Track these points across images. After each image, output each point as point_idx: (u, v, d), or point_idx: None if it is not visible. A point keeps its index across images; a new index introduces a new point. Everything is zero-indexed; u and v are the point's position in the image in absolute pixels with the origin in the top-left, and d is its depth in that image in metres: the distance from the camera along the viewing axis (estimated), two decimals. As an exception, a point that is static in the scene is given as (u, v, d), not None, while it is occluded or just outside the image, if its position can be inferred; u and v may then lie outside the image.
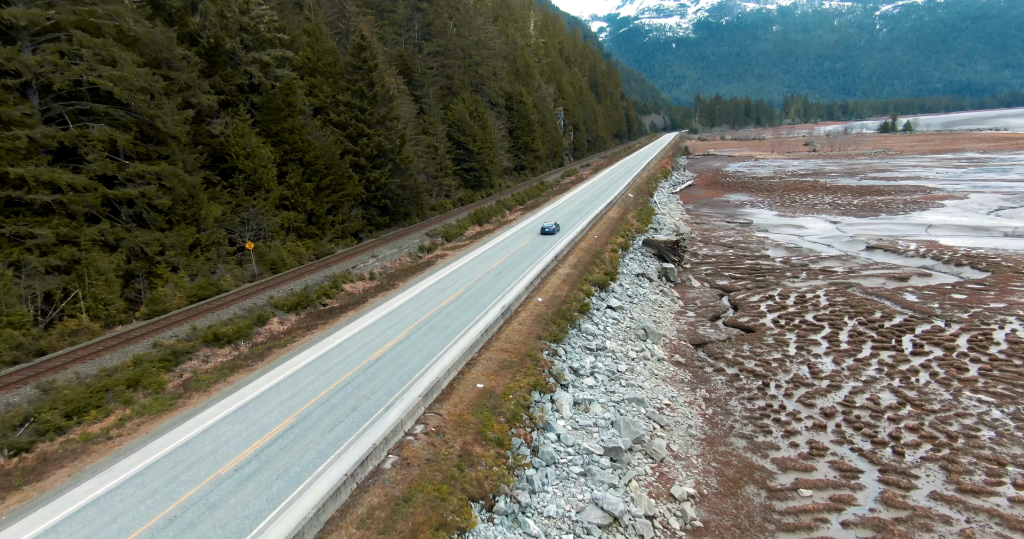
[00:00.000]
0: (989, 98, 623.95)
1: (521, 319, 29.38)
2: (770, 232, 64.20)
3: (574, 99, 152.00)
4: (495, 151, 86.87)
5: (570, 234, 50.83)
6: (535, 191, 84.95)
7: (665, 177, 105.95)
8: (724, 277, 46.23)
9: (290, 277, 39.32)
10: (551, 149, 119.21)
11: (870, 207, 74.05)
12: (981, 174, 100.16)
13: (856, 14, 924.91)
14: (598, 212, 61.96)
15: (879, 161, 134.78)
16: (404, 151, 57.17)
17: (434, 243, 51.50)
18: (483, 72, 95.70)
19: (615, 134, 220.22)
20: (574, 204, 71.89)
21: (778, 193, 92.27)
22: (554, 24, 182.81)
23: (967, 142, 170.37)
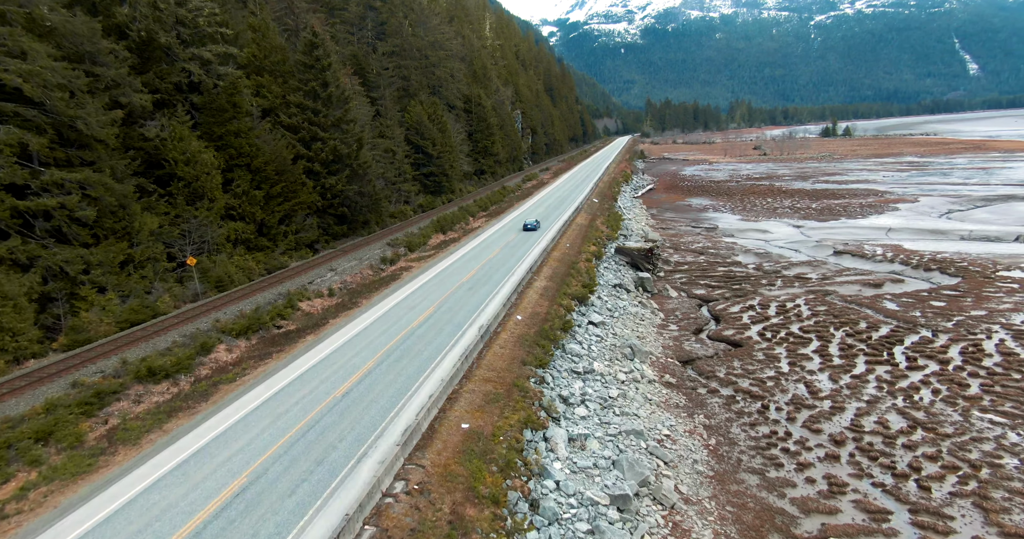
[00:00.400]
0: (915, 105, 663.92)
1: (502, 341, 26.83)
2: (737, 237, 64.01)
3: (531, 102, 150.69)
4: (455, 155, 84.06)
5: (541, 243, 48.66)
6: (497, 196, 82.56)
7: (626, 181, 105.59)
8: (700, 286, 45.08)
9: (239, 296, 35.43)
10: (511, 153, 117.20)
11: (829, 211, 75.35)
12: (924, 178, 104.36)
13: (793, 23, 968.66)
14: (566, 218, 60.10)
15: (827, 165, 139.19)
16: (362, 156, 53.71)
17: (397, 254, 48.28)
18: (440, 74, 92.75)
19: (571, 138, 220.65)
20: (540, 210, 69.88)
21: (738, 197, 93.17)
22: (508, 27, 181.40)
23: (903, 146, 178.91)
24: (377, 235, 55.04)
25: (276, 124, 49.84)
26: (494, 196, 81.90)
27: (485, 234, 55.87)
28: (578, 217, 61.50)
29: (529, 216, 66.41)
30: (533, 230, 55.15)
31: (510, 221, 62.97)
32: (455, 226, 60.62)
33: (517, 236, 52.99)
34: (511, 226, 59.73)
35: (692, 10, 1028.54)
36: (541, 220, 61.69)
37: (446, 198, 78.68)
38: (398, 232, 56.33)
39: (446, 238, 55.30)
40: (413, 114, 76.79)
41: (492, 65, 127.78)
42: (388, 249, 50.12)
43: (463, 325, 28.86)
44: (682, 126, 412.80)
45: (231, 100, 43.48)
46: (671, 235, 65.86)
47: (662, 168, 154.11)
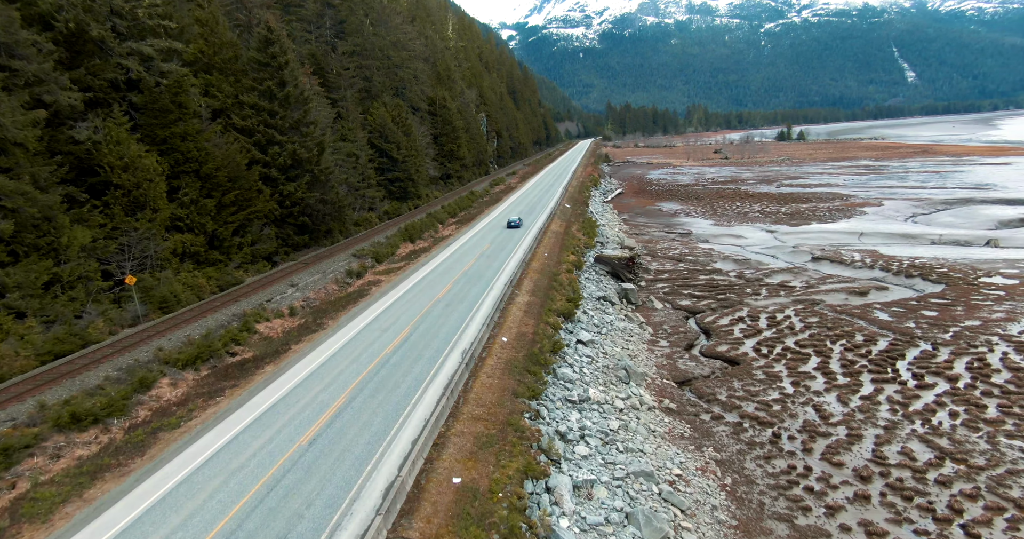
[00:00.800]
0: (859, 110, 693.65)
1: (489, 369, 24.11)
2: (712, 243, 63.08)
3: (496, 105, 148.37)
4: (421, 159, 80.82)
5: (518, 253, 46.15)
6: (466, 202, 79.70)
7: (595, 186, 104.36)
8: (684, 296, 43.42)
9: (186, 318, 31.55)
10: (477, 157, 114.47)
11: (799, 215, 75.59)
12: (883, 181, 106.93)
13: (744, 31, 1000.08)
14: (540, 225, 57.81)
15: (788, 168, 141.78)
16: (323, 160, 50.08)
17: (364, 266, 44.89)
18: (404, 75, 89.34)
19: (535, 141, 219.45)
20: (512, 216, 67.44)
21: (707, 201, 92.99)
22: (471, 29, 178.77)
23: (856, 150, 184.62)
24: (341, 245, 51.44)
25: (228, 126, 45.81)
26: (463, 202, 79.02)
27: (457, 243, 52.98)
28: (552, 224, 59.30)
29: (502, 222, 63.87)
30: (516, 227, 58.03)
31: (482, 228, 60.25)
32: (424, 234, 57.49)
33: (492, 246, 50.34)
34: (484, 233, 57.03)
35: (648, 16, 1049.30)
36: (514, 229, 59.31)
37: (413, 204, 75.37)
38: (364, 242, 52.85)
39: (416, 248, 52.15)
40: (377, 116, 73.31)
41: (456, 67, 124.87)
42: (354, 261, 46.67)
43: (443, 350, 26.01)
44: (642, 130, 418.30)
45: (176, 100, 39.41)
46: (646, 241, 64.44)
47: (628, 172, 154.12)
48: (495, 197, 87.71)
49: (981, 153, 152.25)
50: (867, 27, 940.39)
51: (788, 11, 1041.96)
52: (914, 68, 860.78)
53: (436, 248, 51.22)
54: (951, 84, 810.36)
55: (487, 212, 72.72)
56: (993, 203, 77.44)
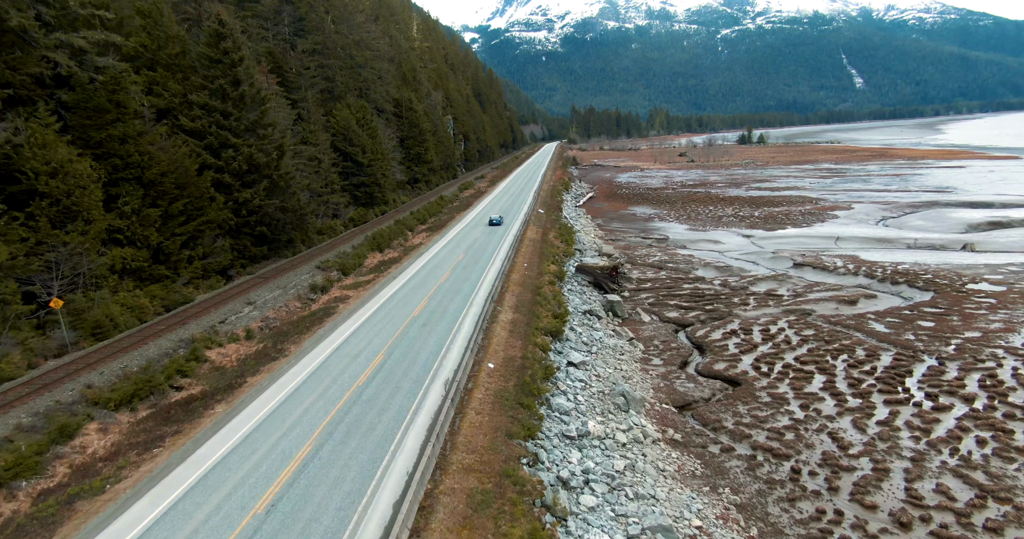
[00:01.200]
0: (812, 115, 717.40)
1: (477, 403, 21.29)
2: (690, 248, 61.72)
3: (463, 108, 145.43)
4: (387, 163, 77.27)
5: (496, 262, 43.42)
6: (435, 207, 76.51)
7: (566, 189, 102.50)
8: (671, 307, 41.49)
9: (124, 346, 27.63)
10: (445, 160, 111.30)
11: (772, 219, 75.25)
12: (848, 184, 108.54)
13: (702, 36, 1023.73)
14: (516, 233, 55.23)
15: (753, 172, 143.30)
16: (283, 165, 46.28)
17: (329, 280, 41.37)
18: (368, 75, 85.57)
19: (501, 144, 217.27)
20: (485, 222, 64.64)
21: (679, 205, 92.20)
22: (435, 30, 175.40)
23: (816, 154, 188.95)
24: (304, 256, 47.67)
25: (176, 128, 41.66)
26: (432, 207, 75.82)
27: (429, 252, 49.87)
28: (529, 230, 56.80)
29: (475, 228, 61.01)
30: (498, 225, 59.56)
31: (455, 236, 57.26)
32: (393, 243, 54.15)
33: (466, 255, 47.44)
34: (457, 241, 54.06)
35: (609, 20, 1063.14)
36: (489, 233, 56.53)
37: (380, 210, 71.78)
38: (329, 252, 49.19)
39: (385, 258, 48.80)
40: (340, 118, 69.52)
41: (421, 68, 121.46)
42: (318, 273, 43.07)
43: (423, 380, 23.06)
44: (606, 133, 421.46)
45: (113, 98, 35.23)
46: (623, 247, 62.62)
47: (597, 175, 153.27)
48: (465, 202, 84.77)
49: (935, 156, 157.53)
50: (817, 34, 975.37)
51: (743, 18, 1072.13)
52: (862, 74, 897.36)
53: (407, 258, 48.01)
54: (896, 90, 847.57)
55: (458, 218, 69.74)
56: (958, 206, 78.89)
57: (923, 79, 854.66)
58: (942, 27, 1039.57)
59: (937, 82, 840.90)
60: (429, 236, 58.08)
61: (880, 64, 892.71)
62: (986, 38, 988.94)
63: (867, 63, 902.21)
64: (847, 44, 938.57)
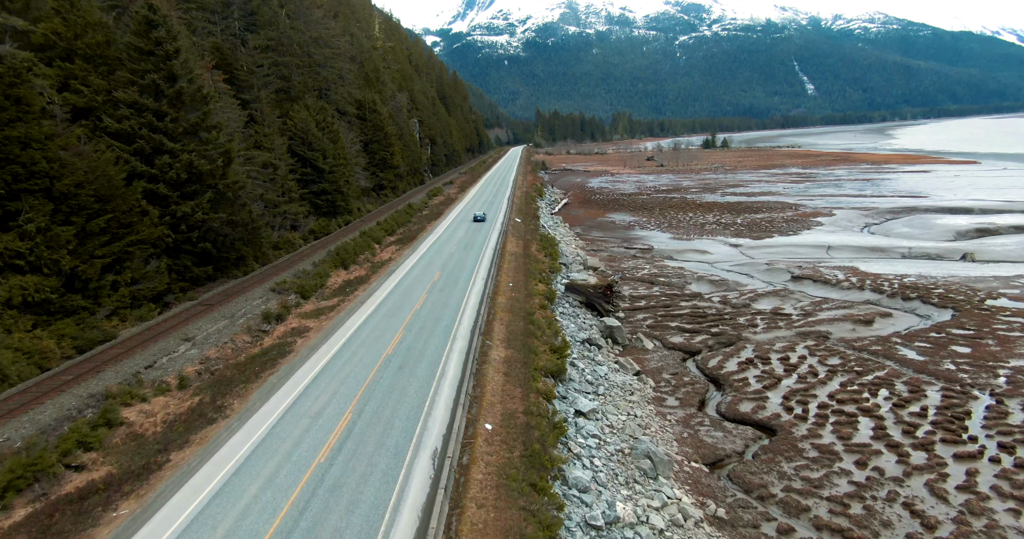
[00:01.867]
0: (768, 120, 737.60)
1: (478, 487, 16.37)
2: (678, 259, 58.24)
3: (428, 110, 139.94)
4: (351, 169, 71.44)
5: (477, 282, 38.58)
6: (404, 217, 71.04)
7: (540, 196, 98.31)
8: (673, 330, 37.49)
9: (11, 408, 21.53)
10: (411, 165, 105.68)
11: (757, 227, 72.71)
12: (822, 189, 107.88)
13: (660, 42, 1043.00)
14: (495, 245, 50.52)
15: (724, 176, 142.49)
16: (231, 173, 40.34)
17: (285, 306, 35.67)
18: (328, 75, 79.53)
19: (468, 148, 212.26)
20: (459, 234, 59.63)
21: (657, 211, 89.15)
22: (397, 30, 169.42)
23: (781, 158, 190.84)
24: (257, 276, 41.71)
25: (98, 130, 35.39)
26: (400, 216, 70.34)
27: (401, 270, 44.60)
28: (508, 243, 52.14)
29: (449, 240, 56.02)
30: (482, 221, 62.16)
31: (428, 249, 52.09)
32: (359, 258, 48.61)
33: (443, 273, 42.42)
34: (431, 257, 48.90)
35: (570, 26, 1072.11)
36: (466, 248, 51.63)
37: (343, 220, 65.90)
38: (286, 270, 43.37)
39: (350, 277, 43.29)
40: (298, 120, 63.51)
41: (385, 68, 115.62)
42: (273, 298, 37.31)
43: (404, 452, 18.01)
44: (571, 136, 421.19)
45: (12, 93, 28.94)
46: (608, 259, 58.66)
47: (568, 180, 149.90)
48: (435, 210, 79.51)
49: (897, 161, 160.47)
50: (771, 42, 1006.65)
51: (700, 25, 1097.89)
52: (813, 81, 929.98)
53: (376, 277, 42.64)
54: (845, 97, 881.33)
55: (429, 228, 64.53)
56: (938, 212, 78.24)
57: (870, 86, 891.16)
58: (885, 36, 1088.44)
59: (882, 89, 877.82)
60: (399, 250, 52.75)
61: (830, 71, 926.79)
62: (926, 48, 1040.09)
63: (817, 70, 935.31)
64: (798, 52, 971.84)
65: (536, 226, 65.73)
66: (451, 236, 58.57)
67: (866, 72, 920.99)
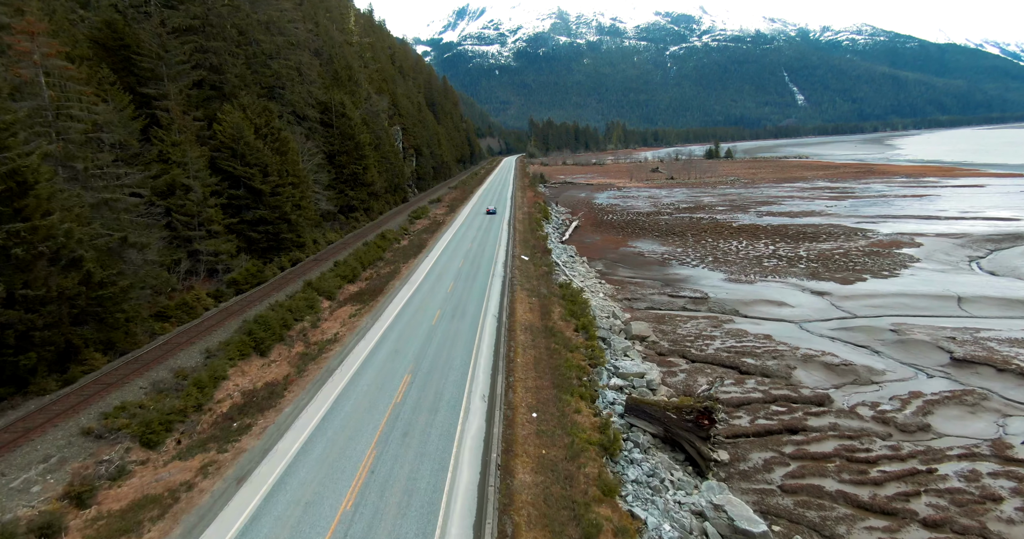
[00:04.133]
0: (761, 130, 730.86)
1: None
2: (751, 317, 41.61)
3: (413, 117, 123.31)
4: (305, 189, 54.36)
5: (472, 414, 21.60)
6: (374, 252, 53.78)
7: (545, 217, 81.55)
8: (838, 503, 20.42)
9: None
10: (391, 181, 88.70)
11: (831, 262, 56.15)
12: (873, 208, 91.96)
13: (651, 52, 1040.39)
14: (498, 309, 33.66)
15: (746, 191, 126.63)
16: (34, 209, 23.11)
17: (86, 486, 18.25)
18: (281, 69, 62.57)
19: (459, 159, 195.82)
20: (446, 283, 42.58)
21: (691, 238, 72.71)
22: (380, 28, 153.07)
23: (798, 170, 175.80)
24: (94, 386, 24.07)
25: None
26: (369, 251, 53.16)
27: (349, 363, 27.29)
28: (518, 305, 35.15)
29: (432, 296, 38.94)
30: (492, 214, 52.09)
31: (398, 316, 34.92)
32: (290, 335, 31.29)
33: (413, 383, 25.26)
34: (401, 332, 31.63)
35: (560, 36, 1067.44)
36: (454, 310, 34.65)
37: (289, 259, 48.63)
38: (151, 369, 25.89)
39: (258, 384, 25.87)
40: (228, 125, 46.48)
41: (361, 67, 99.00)
42: (79, 456, 19.90)
43: None
44: (565, 146, 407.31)
45: None
46: (654, 319, 41.81)
47: (571, 195, 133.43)
48: (417, 241, 62.40)
49: (933, 173, 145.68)
50: (760, 53, 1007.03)
51: (690, 36, 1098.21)
52: (803, 92, 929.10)
53: (303, 382, 25.34)
54: (834, 107, 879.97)
55: (405, 273, 47.34)
56: (1056, 242, 62.26)
57: (859, 97, 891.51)
58: (873, 48, 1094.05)
59: (871, 100, 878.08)
60: (356, 316, 35.48)
61: (819, 82, 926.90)
62: (913, 59, 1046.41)
63: (807, 81, 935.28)
64: (788, 62, 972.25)
65: (549, 266, 48.83)
66: (435, 287, 41.59)
67: (855, 83, 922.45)
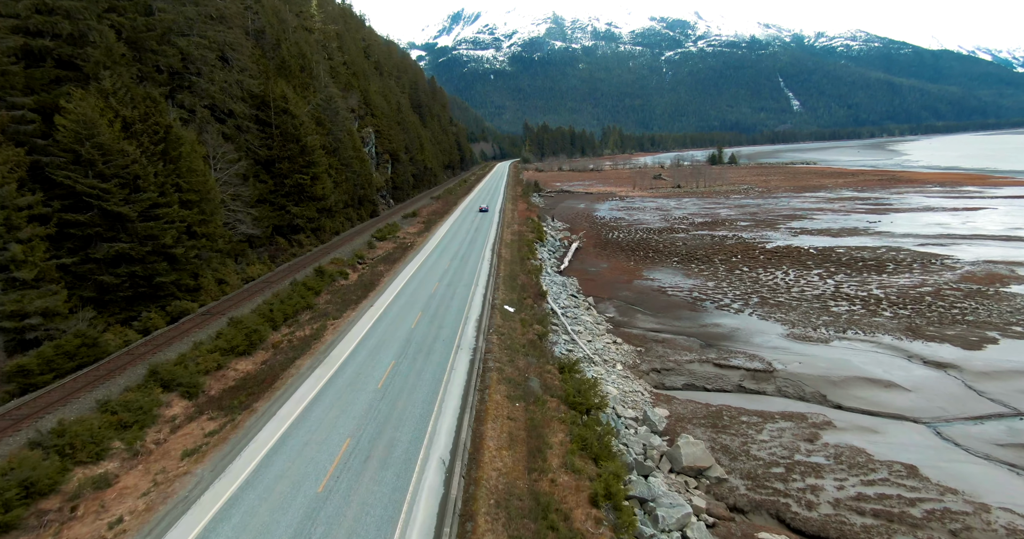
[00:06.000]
0: (758, 135, 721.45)
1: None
2: (848, 409, 26.62)
3: (390, 117, 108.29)
4: (214, 208, 39.04)
5: None
6: (301, 298, 38.33)
7: (539, 238, 66.35)
8: None
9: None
10: (353, 193, 73.43)
11: (921, 305, 40.73)
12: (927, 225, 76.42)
13: (646, 57, 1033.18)
14: (454, 421, 18.72)
15: (766, 202, 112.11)
16: None
17: None
18: (193, 49, 47.39)
19: (447, 165, 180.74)
20: (382, 363, 27.40)
21: (720, 265, 57.70)
22: (353, 18, 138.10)
23: (815, 178, 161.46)
24: None
25: None
26: (292, 298, 37.77)
27: None
28: (490, 426, 20.08)
29: (360, 386, 23.74)
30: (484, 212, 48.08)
31: (279, 448, 19.91)
32: (49, 503, 16.06)
33: None
34: (303, 468, 16.70)
35: (556, 40, 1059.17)
36: (387, 419, 19.63)
37: (170, 311, 33.10)
38: None
39: None
40: (74, 118, 31.15)
41: (324, 58, 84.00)
42: None
43: None
44: (561, 151, 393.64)
45: None
46: (704, 416, 26.81)
47: (568, 206, 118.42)
48: (368, 276, 46.98)
49: (968, 182, 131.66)
50: (756, 58, 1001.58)
51: (685, 41, 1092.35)
52: (798, 97, 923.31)
53: None
54: (830, 113, 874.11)
55: (331, 335, 31.89)
56: None
57: (854, 103, 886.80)
58: (867, 54, 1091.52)
59: (867, 106, 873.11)
60: (206, 447, 20.17)
61: (815, 88, 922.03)
62: (907, 65, 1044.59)
63: (802, 86, 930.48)
64: (783, 68, 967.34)
65: (543, 323, 33.62)
66: (363, 374, 26.30)
67: (850, 89, 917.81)
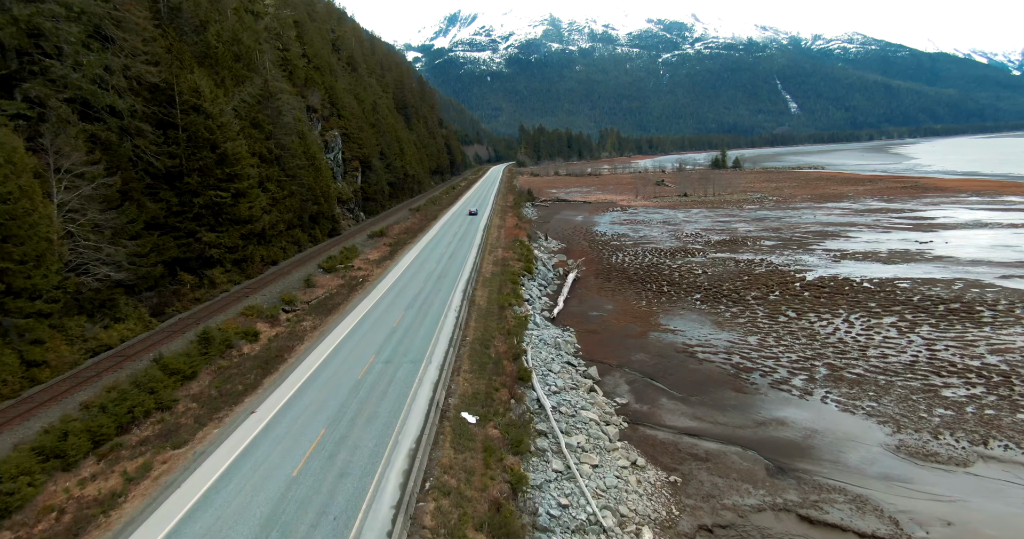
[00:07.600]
0: (756, 138, 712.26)
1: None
2: None
3: (361, 120, 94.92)
4: (44, 248, 25.65)
5: None
6: (128, 405, 24.94)
7: (529, 270, 53.00)
8: None
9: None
10: (302, 210, 59.88)
11: None
12: (995, 249, 64.22)
13: (644, 60, 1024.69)
14: None
15: (786, 215, 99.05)
16: None
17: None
18: (40, 22, 33.94)
19: (434, 170, 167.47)
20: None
21: (756, 307, 44.18)
22: (328, 8, 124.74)
23: (831, 185, 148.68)
24: None
25: None
26: (127, 400, 24.39)
27: None
28: None
29: None
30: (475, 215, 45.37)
31: None
32: None
33: None
34: None
35: (553, 42, 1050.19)
36: None
37: None
38: None
39: None
40: None
41: (276, 49, 70.68)
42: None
43: None
44: (558, 154, 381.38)
45: None
46: None
47: (564, 219, 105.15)
48: (287, 336, 33.45)
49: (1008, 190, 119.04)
50: (753, 61, 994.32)
51: (682, 43, 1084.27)
52: (795, 100, 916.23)
53: None
54: (827, 115, 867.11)
55: (161, 486, 18.57)
56: None
57: (852, 105, 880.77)
58: (865, 57, 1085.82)
59: (865, 108, 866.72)
60: None
61: (812, 90, 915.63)
62: (904, 68, 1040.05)
63: (800, 89, 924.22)
64: (780, 70, 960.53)
65: (521, 446, 20.50)
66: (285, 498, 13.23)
67: (848, 91, 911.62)
